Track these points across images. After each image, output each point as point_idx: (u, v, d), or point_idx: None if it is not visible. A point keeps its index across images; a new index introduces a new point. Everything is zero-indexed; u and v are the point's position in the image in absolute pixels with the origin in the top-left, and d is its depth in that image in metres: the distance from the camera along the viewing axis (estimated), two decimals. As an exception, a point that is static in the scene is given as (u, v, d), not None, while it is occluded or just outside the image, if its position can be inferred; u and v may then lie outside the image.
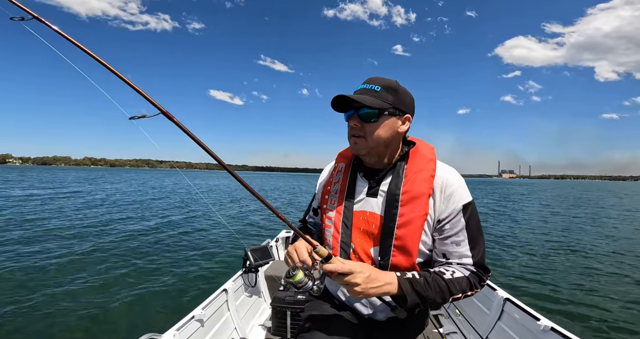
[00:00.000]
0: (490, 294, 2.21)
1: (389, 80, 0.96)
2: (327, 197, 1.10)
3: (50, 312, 3.55)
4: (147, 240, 7.25)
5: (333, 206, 1.06)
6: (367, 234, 0.99)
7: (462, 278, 0.90)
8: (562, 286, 4.58)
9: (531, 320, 1.77)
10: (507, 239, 8.05)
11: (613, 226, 10.85)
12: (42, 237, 7.20)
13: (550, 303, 3.91)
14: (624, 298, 4.15)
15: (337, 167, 1.13)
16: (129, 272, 4.97)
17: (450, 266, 0.93)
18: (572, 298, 4.10)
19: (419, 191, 0.93)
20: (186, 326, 1.76)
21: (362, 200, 1.01)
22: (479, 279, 0.92)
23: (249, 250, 2.64)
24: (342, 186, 1.06)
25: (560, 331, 1.60)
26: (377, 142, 0.95)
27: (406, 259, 0.94)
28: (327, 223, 1.07)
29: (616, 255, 6.53)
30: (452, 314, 2.50)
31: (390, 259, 0.94)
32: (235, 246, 6.95)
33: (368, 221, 0.98)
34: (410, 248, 0.93)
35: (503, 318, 2.05)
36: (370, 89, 0.94)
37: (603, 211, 16.15)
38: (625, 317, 3.58)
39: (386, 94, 0.93)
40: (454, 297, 0.89)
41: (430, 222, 0.94)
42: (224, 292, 2.25)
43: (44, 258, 5.58)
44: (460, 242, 0.92)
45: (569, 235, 8.77)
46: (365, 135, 0.95)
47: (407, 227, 0.92)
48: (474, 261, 0.92)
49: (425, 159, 0.99)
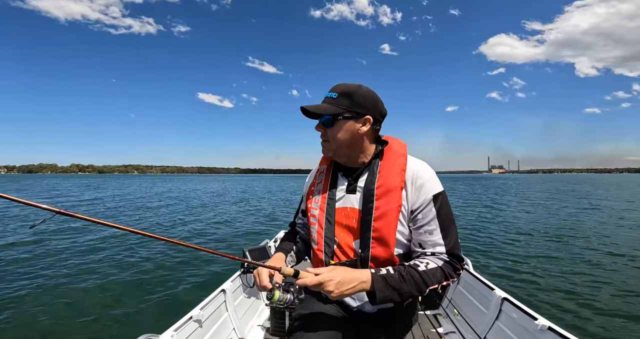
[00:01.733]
0: (488, 294, 2.22)
1: (348, 86, 1.04)
2: (311, 197, 1.17)
3: (48, 313, 3.53)
4: (144, 241, 7.17)
5: (317, 204, 1.12)
6: (348, 229, 1.05)
7: (436, 269, 0.94)
8: (559, 284, 4.61)
9: (529, 319, 1.78)
10: (500, 237, 8.17)
11: (602, 220, 11.11)
12: (43, 238, 7.14)
13: (547, 302, 3.91)
14: (621, 294, 4.17)
15: (319, 169, 1.21)
16: (126, 273, 4.93)
17: (425, 257, 0.99)
18: (569, 296, 4.11)
19: (392, 184, 0.99)
20: (184, 326, 1.74)
21: (343, 197, 1.08)
22: (453, 268, 0.96)
23: (247, 250, 2.63)
24: (324, 186, 1.14)
25: (558, 331, 1.61)
26: (338, 144, 1.04)
27: (384, 250, 0.98)
28: (312, 221, 1.13)
29: (613, 251, 6.57)
30: (450, 313, 2.51)
31: (370, 250, 0.99)
32: (233, 247, 6.92)
33: (349, 216, 1.05)
34: (387, 239, 0.98)
35: (501, 317, 2.06)
36: (329, 97, 1.04)
37: (596, 204, 16.54)
38: (623, 314, 3.59)
39: (342, 100, 1.02)
40: (430, 288, 0.93)
41: (405, 214, 0.99)
42: (222, 292, 2.24)
43: (41, 260, 5.54)
44: (433, 231, 0.98)
45: (564, 231, 8.93)
46: (328, 139, 1.06)
47: (382, 220, 0.98)
48: (446, 249, 0.97)
49: (396, 154, 1.06)
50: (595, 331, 3.25)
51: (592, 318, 3.49)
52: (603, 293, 4.25)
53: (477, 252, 6.38)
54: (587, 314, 3.60)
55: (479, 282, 2.40)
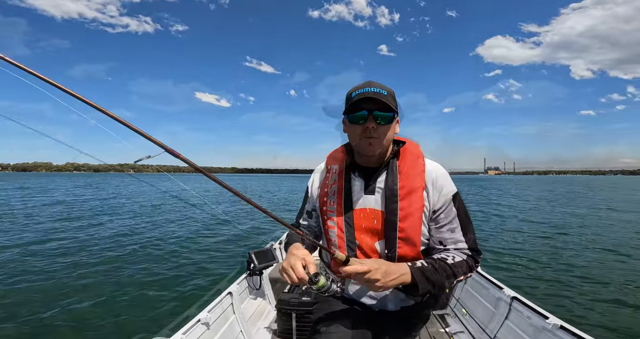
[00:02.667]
0: (497, 293, 2.20)
1: (388, 87, 1.02)
2: (325, 199, 1.12)
3: (56, 314, 3.52)
4: (150, 245, 7.18)
5: (333, 207, 1.09)
6: (369, 230, 1.03)
7: (462, 262, 0.99)
8: (569, 282, 4.57)
9: (540, 318, 1.77)
10: (508, 236, 8.17)
11: (603, 220, 11.20)
12: (51, 239, 7.15)
13: (559, 301, 3.88)
14: (634, 291, 4.14)
15: (330, 169, 1.15)
16: (136, 277, 4.92)
17: (448, 252, 1.02)
18: (581, 295, 4.07)
19: (414, 185, 1.01)
20: (192, 329, 1.74)
21: (361, 198, 1.06)
22: (474, 260, 1.02)
23: (252, 253, 2.63)
24: (339, 187, 1.09)
25: (570, 329, 1.59)
26: (388, 143, 1.03)
27: (411, 249, 1.01)
28: (330, 224, 1.09)
29: (621, 249, 6.56)
30: (459, 313, 2.49)
31: (396, 251, 1.00)
32: (238, 249, 6.90)
33: (369, 217, 1.03)
34: (413, 239, 1.00)
35: (511, 316, 2.04)
36: (378, 93, 0.97)
37: (596, 204, 16.65)
38: (635, 312, 3.56)
39: (391, 98, 1.00)
40: (459, 279, 1.00)
41: (427, 214, 1.02)
42: (229, 295, 2.23)
43: (50, 261, 5.56)
44: (454, 229, 1.02)
45: (570, 230, 8.95)
46: (379, 136, 0.99)
47: (408, 220, 0.99)
48: (468, 245, 1.02)
49: (414, 156, 1.07)
50: (608, 329, 3.20)
51: (604, 316, 3.45)
52: (615, 290, 4.19)
53: (485, 252, 6.37)
54: (600, 312, 3.54)
55: (487, 281, 2.39)
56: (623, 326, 3.25)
